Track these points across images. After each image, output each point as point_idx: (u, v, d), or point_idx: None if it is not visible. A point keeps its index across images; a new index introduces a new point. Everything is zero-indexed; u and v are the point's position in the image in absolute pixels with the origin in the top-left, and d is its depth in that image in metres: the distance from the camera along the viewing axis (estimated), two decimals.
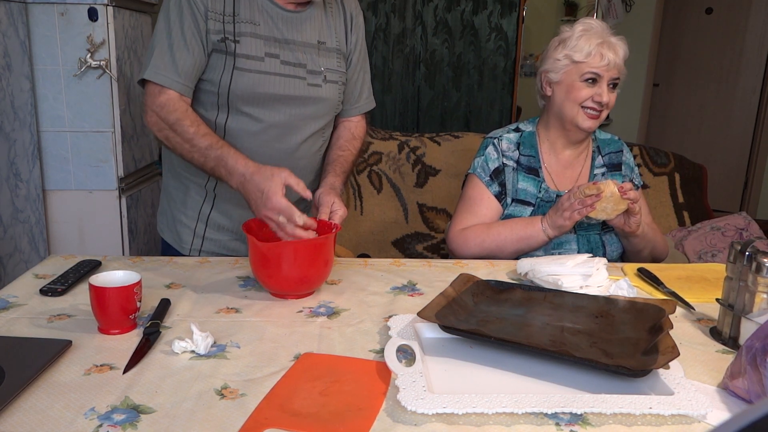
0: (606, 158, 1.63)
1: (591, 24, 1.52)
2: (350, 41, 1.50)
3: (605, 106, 1.50)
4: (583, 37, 1.50)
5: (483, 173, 1.58)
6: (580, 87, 1.50)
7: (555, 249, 1.51)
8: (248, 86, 1.34)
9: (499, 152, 1.58)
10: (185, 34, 1.29)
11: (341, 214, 1.31)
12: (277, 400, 0.82)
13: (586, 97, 1.50)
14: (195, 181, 1.46)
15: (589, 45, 1.48)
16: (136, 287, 1.02)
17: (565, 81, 1.53)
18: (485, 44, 3.50)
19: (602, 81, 1.49)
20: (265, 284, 1.19)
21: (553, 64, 1.54)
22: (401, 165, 2.39)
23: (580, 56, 1.49)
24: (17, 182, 2.10)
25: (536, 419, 0.79)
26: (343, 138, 1.54)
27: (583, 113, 1.51)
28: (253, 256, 1.18)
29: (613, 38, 1.51)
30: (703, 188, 2.47)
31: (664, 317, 0.99)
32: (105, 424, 0.76)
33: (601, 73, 1.48)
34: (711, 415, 0.81)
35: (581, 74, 1.49)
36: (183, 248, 1.49)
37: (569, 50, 1.51)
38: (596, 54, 1.48)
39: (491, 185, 1.57)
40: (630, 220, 1.45)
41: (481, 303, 1.13)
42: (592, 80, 1.49)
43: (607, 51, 1.48)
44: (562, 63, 1.52)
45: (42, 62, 2.19)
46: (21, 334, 1.00)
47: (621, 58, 1.50)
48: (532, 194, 1.56)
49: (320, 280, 1.22)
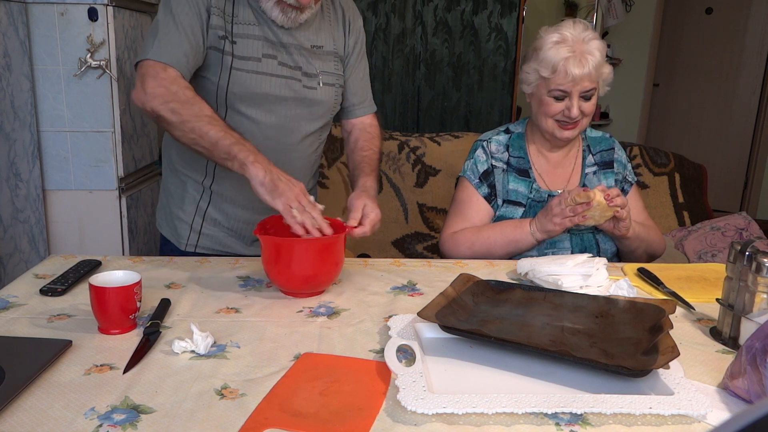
0: (597, 156, 1.62)
1: (563, 34, 1.47)
2: (348, 44, 1.50)
3: (582, 116, 1.49)
4: (552, 49, 1.46)
5: (472, 175, 1.58)
6: (549, 102, 1.49)
7: (549, 248, 1.51)
8: (245, 86, 1.35)
9: (488, 154, 1.58)
10: (190, 22, 1.29)
11: (372, 218, 1.26)
12: (277, 400, 0.82)
13: (556, 111, 1.49)
14: (193, 177, 1.47)
15: (556, 58, 1.44)
16: (136, 287, 1.02)
17: (536, 94, 1.53)
18: (485, 44, 3.50)
19: (572, 95, 1.47)
20: (275, 281, 1.20)
21: (525, 76, 1.54)
22: (401, 165, 2.39)
23: (546, 72, 1.47)
24: (17, 182, 2.10)
25: (536, 419, 0.79)
26: (362, 139, 1.54)
27: (558, 125, 1.51)
28: (265, 253, 1.18)
29: (586, 45, 1.46)
30: (703, 188, 2.48)
31: (664, 317, 0.99)
32: (105, 424, 0.76)
33: (567, 89, 1.46)
34: (711, 415, 0.81)
35: (548, 90, 1.48)
36: (180, 243, 1.51)
37: (537, 63, 1.49)
38: (561, 70, 1.44)
39: (480, 187, 1.57)
40: (619, 224, 1.45)
41: (481, 303, 1.13)
42: (560, 97, 1.48)
43: (573, 67, 1.43)
44: (531, 77, 1.52)
45: (42, 62, 2.19)
46: (21, 334, 1.00)
47: (592, 66, 1.45)
48: (523, 195, 1.56)
49: (330, 280, 1.23)
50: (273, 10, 1.33)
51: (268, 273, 1.19)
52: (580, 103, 1.48)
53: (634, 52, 5.23)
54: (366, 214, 1.27)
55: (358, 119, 1.57)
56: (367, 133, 1.55)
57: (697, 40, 5.52)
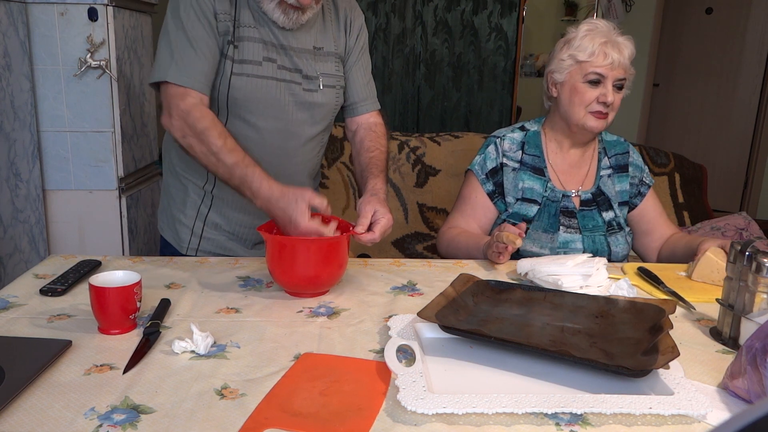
0: (612, 160, 1.63)
1: (596, 24, 1.51)
2: (348, 44, 1.50)
3: (611, 106, 1.49)
4: (587, 36, 1.49)
5: (480, 171, 1.59)
6: (584, 89, 1.49)
7: (561, 248, 1.52)
8: (246, 90, 1.34)
9: (499, 152, 1.58)
10: (201, 35, 1.28)
11: (383, 224, 1.24)
12: (277, 400, 0.82)
13: (590, 99, 1.49)
14: (193, 181, 1.47)
15: (593, 44, 1.47)
16: (136, 287, 1.02)
17: (569, 82, 1.52)
18: (485, 44, 3.50)
19: (606, 81, 1.48)
20: (279, 281, 1.20)
21: (558, 65, 1.53)
22: (401, 165, 2.39)
23: (583, 56, 1.48)
24: (17, 182, 2.10)
25: (536, 419, 0.79)
26: (367, 139, 1.50)
27: (590, 115, 1.50)
28: (270, 252, 1.18)
29: (619, 38, 1.49)
30: (703, 188, 2.47)
31: (664, 317, 0.99)
32: (105, 424, 0.76)
33: (604, 72, 1.47)
34: (711, 415, 0.81)
35: (585, 74, 1.48)
36: (181, 247, 1.50)
37: (573, 50, 1.50)
38: (599, 53, 1.46)
39: (485, 183, 1.57)
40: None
41: (481, 303, 1.13)
42: (596, 81, 1.48)
43: (611, 50, 1.46)
44: (566, 63, 1.52)
45: (42, 62, 2.19)
46: (21, 334, 1.00)
47: (627, 57, 1.49)
48: (539, 193, 1.56)
49: (333, 280, 1.22)
50: (274, 12, 1.32)
51: (272, 272, 1.19)
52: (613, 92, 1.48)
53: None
54: (377, 221, 1.25)
55: (363, 117, 1.54)
56: (372, 132, 1.52)
57: (697, 40, 5.52)
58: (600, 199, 1.58)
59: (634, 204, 1.61)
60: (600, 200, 1.57)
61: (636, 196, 1.62)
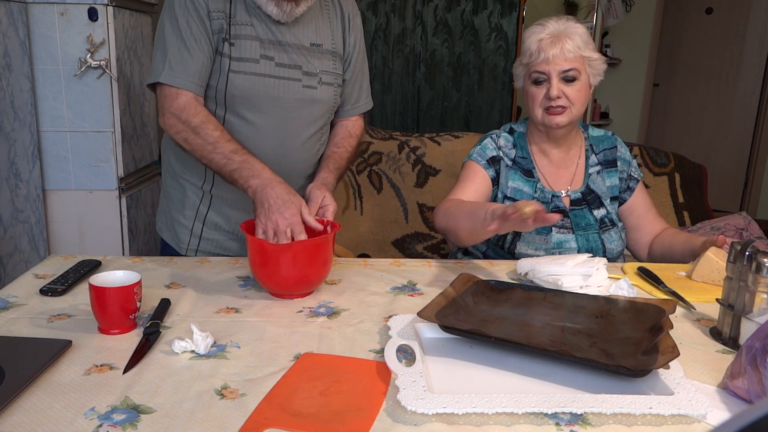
0: (600, 156, 1.62)
1: (541, 23, 1.50)
2: (348, 43, 1.49)
3: (567, 99, 1.47)
4: (529, 38, 1.49)
5: (480, 158, 1.58)
6: (533, 91, 1.50)
7: (555, 248, 1.51)
8: (244, 88, 1.34)
9: (496, 146, 1.59)
10: (195, 35, 1.29)
11: (332, 210, 1.31)
12: (277, 400, 0.82)
13: (540, 97, 1.49)
14: (192, 182, 1.46)
15: (532, 45, 1.48)
16: (136, 287, 1.02)
17: (524, 87, 1.55)
18: (485, 44, 3.50)
19: (551, 77, 1.47)
20: (263, 284, 1.20)
21: (516, 73, 1.57)
22: (401, 165, 2.39)
23: (526, 59, 1.50)
24: (17, 182, 2.10)
25: (536, 419, 0.79)
26: (339, 135, 1.54)
27: (546, 113, 1.50)
28: (252, 255, 1.18)
29: (564, 31, 1.46)
30: (703, 188, 2.47)
31: (664, 317, 0.99)
32: (105, 424, 0.76)
33: (544, 70, 1.47)
34: (711, 415, 0.81)
35: (529, 76, 1.50)
36: (181, 248, 1.50)
37: (521, 55, 1.53)
38: (536, 52, 1.47)
39: (488, 168, 1.56)
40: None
41: (481, 303, 1.13)
42: (540, 81, 1.48)
43: (548, 46, 1.45)
44: (518, 70, 1.55)
45: (42, 62, 2.19)
46: (21, 334, 1.00)
47: (572, 47, 1.45)
48: (528, 195, 1.55)
49: (319, 280, 1.22)
50: (268, 5, 1.32)
51: (254, 274, 1.19)
52: (561, 85, 1.47)
53: (634, 52, 5.23)
54: (325, 206, 1.31)
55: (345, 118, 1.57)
56: (346, 130, 1.55)
57: (697, 40, 5.52)
58: (590, 198, 1.57)
59: (623, 199, 1.61)
60: (590, 198, 1.57)
61: (625, 191, 1.61)
